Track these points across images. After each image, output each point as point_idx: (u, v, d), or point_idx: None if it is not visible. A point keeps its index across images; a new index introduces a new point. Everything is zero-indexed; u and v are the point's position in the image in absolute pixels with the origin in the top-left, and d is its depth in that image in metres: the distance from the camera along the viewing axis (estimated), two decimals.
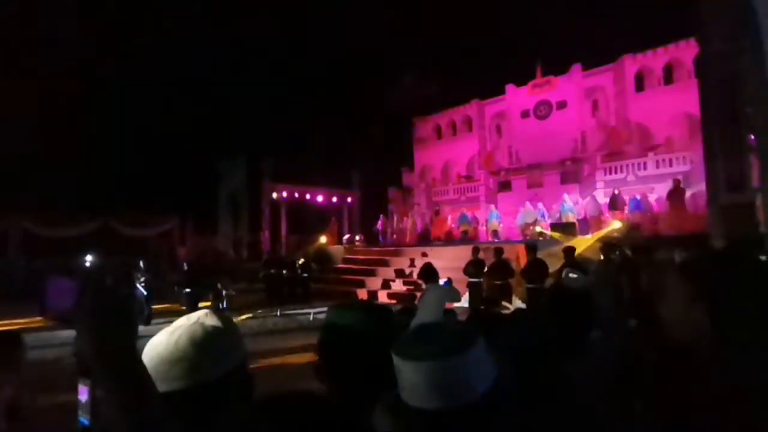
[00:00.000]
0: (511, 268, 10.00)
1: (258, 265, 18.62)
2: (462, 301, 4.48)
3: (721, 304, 1.03)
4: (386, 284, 14.29)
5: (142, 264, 11.33)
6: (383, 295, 13.51)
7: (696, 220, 12.84)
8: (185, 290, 11.40)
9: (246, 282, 17.45)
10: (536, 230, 16.02)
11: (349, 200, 24.55)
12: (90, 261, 15.62)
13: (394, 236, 20.17)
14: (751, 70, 8.11)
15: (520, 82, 21.46)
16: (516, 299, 9.80)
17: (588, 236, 13.21)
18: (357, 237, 21.57)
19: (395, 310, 5.77)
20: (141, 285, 10.79)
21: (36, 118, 19.38)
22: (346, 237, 21.06)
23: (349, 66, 23.95)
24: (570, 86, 19.95)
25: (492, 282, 9.78)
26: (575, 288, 4.01)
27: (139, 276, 10.92)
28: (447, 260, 12.48)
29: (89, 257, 15.81)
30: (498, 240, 16.13)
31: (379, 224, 20.48)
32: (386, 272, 15.04)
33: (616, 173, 17.18)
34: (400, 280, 13.96)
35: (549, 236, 14.29)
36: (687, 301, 1.11)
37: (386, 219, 20.97)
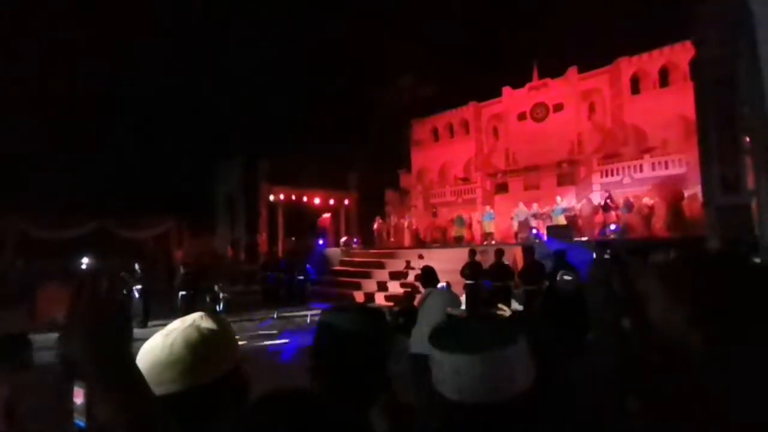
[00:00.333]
0: (511, 270, 10.02)
1: (255, 267, 18.62)
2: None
3: (707, 309, 1.03)
4: (383, 286, 14.28)
5: (138, 266, 11.30)
6: (380, 297, 13.50)
7: (692, 222, 12.91)
8: (181, 292, 11.39)
9: (243, 284, 17.44)
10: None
11: (346, 202, 24.53)
12: (86, 263, 15.58)
13: (392, 239, 20.18)
14: (746, 73, 8.16)
15: (517, 85, 21.49)
16: (513, 301, 9.82)
17: None
18: (354, 239, 21.56)
19: (392, 312, 5.76)
20: (137, 288, 10.76)
21: (32, 119, 19.33)
22: (343, 239, 21.04)
23: (347, 68, 23.99)
24: (566, 88, 19.99)
25: (492, 284, 9.80)
26: (569, 290, 4.03)
27: (136, 278, 10.90)
28: (443, 262, 12.46)
29: (85, 259, 15.77)
30: (492, 242, 16.19)
31: (375, 226, 20.49)
32: (383, 274, 15.02)
33: (613, 175, 17.21)
34: (397, 282, 13.95)
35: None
36: (668, 304, 1.12)
37: (382, 221, 20.96)
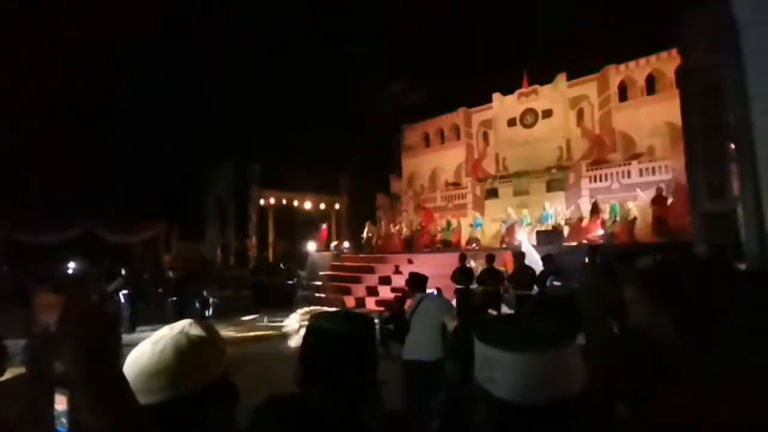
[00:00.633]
0: (501, 275, 10.05)
1: (245, 272, 18.50)
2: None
3: (691, 314, 1.05)
4: (373, 291, 14.26)
5: (125, 272, 11.15)
6: (371, 302, 13.47)
7: (678, 228, 13.07)
8: (170, 298, 11.27)
9: (233, 289, 17.31)
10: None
11: (337, 206, 24.49)
12: (74, 268, 15.34)
13: (380, 242, 20.15)
14: (731, 81, 8.30)
15: (507, 91, 21.69)
16: (504, 306, 9.86)
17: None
18: (345, 244, 21.53)
19: (382, 317, 5.75)
20: (124, 293, 10.63)
21: (19, 122, 19.06)
22: (334, 244, 21.00)
23: (338, 73, 24.01)
24: (555, 95, 20.21)
25: (482, 288, 9.83)
26: (559, 295, 4.07)
27: (122, 283, 10.76)
28: (433, 267, 12.48)
29: (73, 264, 15.54)
30: (477, 247, 16.30)
31: (366, 230, 20.49)
32: (373, 279, 15.01)
33: (601, 181, 17.41)
34: (387, 287, 13.94)
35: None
36: (654, 309, 1.13)
37: (372, 226, 20.96)
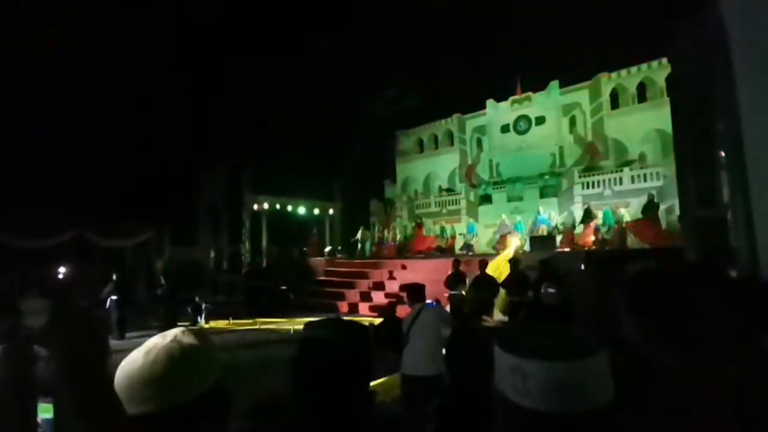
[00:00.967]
0: (494, 282, 10.04)
1: (238, 277, 18.40)
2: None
3: (674, 319, 1.04)
4: (366, 297, 14.23)
5: (116, 277, 11.04)
6: (364, 308, 13.44)
7: (669, 234, 13.19)
8: (163, 304, 11.17)
9: (225, 294, 17.19)
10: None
11: (331, 212, 24.45)
12: (63, 273, 15.17)
13: (374, 248, 20.17)
14: (721, 89, 8.41)
15: (500, 98, 21.85)
16: (497, 312, 9.84)
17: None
18: (338, 249, 21.51)
19: (374, 324, 5.74)
20: (114, 299, 10.53)
21: (6, 122, 18.84)
22: (327, 249, 20.96)
23: (332, 79, 24.04)
24: (548, 102, 20.40)
25: (474, 295, 9.79)
26: (553, 302, 4.08)
27: (113, 289, 10.65)
28: (426, 273, 12.50)
29: (62, 269, 15.36)
30: (471, 253, 16.33)
31: (359, 237, 20.50)
32: (366, 285, 14.99)
33: (593, 188, 17.55)
34: (381, 293, 13.92)
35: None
36: (637, 317, 1.13)
37: (365, 231, 20.97)
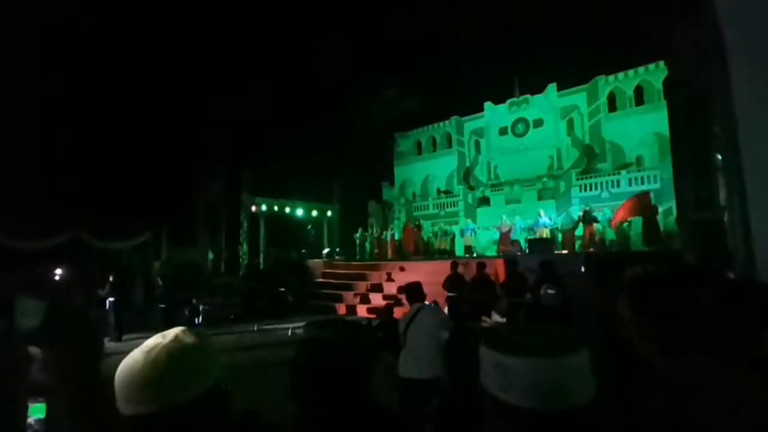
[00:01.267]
0: (492, 283, 10.06)
1: (236, 279, 18.36)
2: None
3: (678, 323, 1.04)
4: (365, 298, 14.22)
5: (113, 278, 10.99)
6: (362, 310, 13.42)
7: (666, 236, 13.23)
8: (160, 305, 11.14)
9: (223, 296, 17.14)
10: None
11: (329, 214, 24.44)
12: (59, 275, 15.11)
13: (374, 251, 20.18)
14: (718, 92, 8.44)
15: (498, 100, 21.91)
16: (495, 314, 9.84)
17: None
18: (337, 250, 21.48)
19: (371, 325, 5.73)
20: (111, 300, 10.49)
21: (6, 122, 18.76)
22: (326, 251, 20.95)
23: (331, 80, 24.07)
24: (546, 105, 20.46)
25: (473, 297, 9.81)
26: (553, 305, 4.08)
27: (110, 290, 10.61)
28: (425, 275, 12.48)
29: (58, 271, 15.30)
30: (472, 255, 16.35)
31: (358, 238, 20.50)
32: (364, 286, 14.97)
33: (591, 190, 17.59)
34: (379, 294, 13.91)
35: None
36: (638, 320, 1.13)
37: (364, 233, 20.99)
